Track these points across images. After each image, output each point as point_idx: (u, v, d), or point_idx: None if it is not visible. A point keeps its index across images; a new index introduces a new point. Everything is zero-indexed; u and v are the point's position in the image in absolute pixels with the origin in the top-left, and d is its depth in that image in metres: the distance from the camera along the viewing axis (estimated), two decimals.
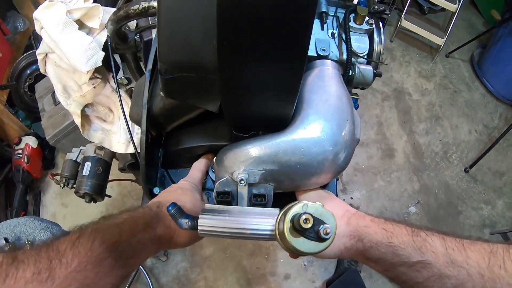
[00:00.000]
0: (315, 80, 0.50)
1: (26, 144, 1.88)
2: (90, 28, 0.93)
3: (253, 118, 0.45)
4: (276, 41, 0.33)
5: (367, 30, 0.72)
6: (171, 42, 0.38)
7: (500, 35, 2.51)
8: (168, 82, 0.42)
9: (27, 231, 0.93)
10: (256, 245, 1.82)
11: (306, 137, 0.43)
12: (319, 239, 0.35)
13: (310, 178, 0.46)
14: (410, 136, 2.35)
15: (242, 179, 0.44)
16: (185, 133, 0.57)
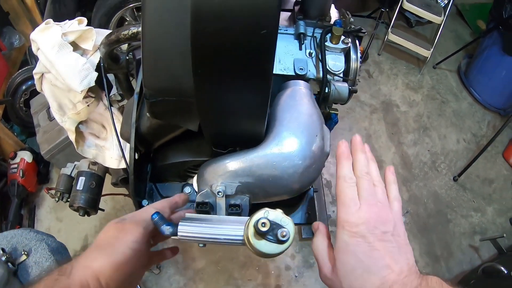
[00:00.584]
0: (287, 100, 0.55)
1: (21, 158, 1.91)
2: (84, 50, 0.98)
3: (229, 136, 0.50)
4: (243, 70, 0.38)
5: (343, 49, 0.76)
6: (154, 70, 0.43)
7: (485, 45, 2.60)
8: (153, 105, 0.47)
9: (24, 242, 0.96)
10: (247, 257, 1.84)
11: (277, 152, 0.48)
12: (278, 241, 0.40)
13: (282, 189, 0.50)
14: (398, 147, 2.40)
15: (220, 191, 0.49)
16: (170, 150, 0.61)
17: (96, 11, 1.91)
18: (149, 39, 0.43)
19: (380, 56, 2.87)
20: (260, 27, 0.34)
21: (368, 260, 0.44)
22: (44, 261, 0.92)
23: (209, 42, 0.36)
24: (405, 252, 0.46)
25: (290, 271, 1.84)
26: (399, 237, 0.47)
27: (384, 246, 0.45)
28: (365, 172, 0.51)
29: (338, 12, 0.89)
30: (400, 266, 0.44)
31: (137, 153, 0.61)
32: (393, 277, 0.43)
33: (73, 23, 1.00)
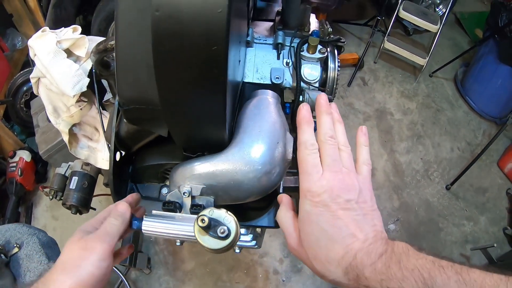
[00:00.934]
0: (252, 109, 0.59)
1: (20, 157, 1.96)
2: (77, 57, 1.04)
3: (195, 141, 0.54)
4: (199, 82, 0.42)
5: (320, 59, 0.77)
6: (125, 81, 0.48)
7: (481, 53, 2.61)
8: (126, 112, 0.52)
9: (16, 236, 1.01)
10: (236, 260, 1.87)
11: (239, 158, 0.52)
12: (220, 238, 0.44)
13: (244, 193, 0.54)
14: (391, 155, 2.41)
15: (185, 192, 0.53)
16: (147, 153, 0.66)
17: (96, 15, 1.96)
18: (121, 54, 0.48)
19: (376, 64, 2.90)
20: (211, 44, 0.39)
21: (331, 230, 0.43)
22: (34, 254, 0.97)
23: (168, 57, 0.41)
24: (372, 219, 0.45)
25: (278, 275, 1.86)
26: (365, 203, 0.46)
27: (348, 215, 0.44)
28: (329, 136, 0.48)
29: (317, 23, 0.91)
30: (365, 233, 0.43)
31: (119, 155, 0.65)
32: (357, 245, 0.42)
33: (67, 31, 1.05)
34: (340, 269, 0.43)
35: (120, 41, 0.46)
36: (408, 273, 0.39)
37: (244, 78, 0.75)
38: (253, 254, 1.90)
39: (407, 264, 0.39)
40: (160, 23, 0.38)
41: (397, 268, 0.39)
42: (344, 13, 3.10)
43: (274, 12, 0.92)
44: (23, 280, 0.95)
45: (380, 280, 0.40)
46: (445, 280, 0.37)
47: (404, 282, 0.38)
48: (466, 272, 0.37)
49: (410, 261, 0.39)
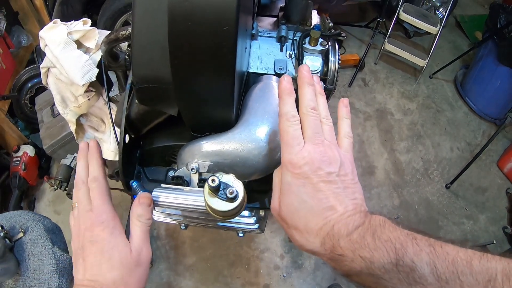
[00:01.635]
0: (257, 92, 0.62)
1: (24, 152, 1.98)
2: (87, 48, 1.06)
3: (203, 121, 0.57)
4: (210, 61, 0.46)
5: (321, 51, 0.81)
6: (140, 61, 0.51)
7: (480, 55, 2.64)
8: (139, 91, 0.55)
9: (21, 221, 1.03)
10: (237, 256, 1.89)
11: (245, 136, 0.55)
12: (228, 199, 0.46)
13: (249, 169, 0.57)
14: (391, 154, 2.44)
15: (193, 168, 0.56)
16: (156, 135, 0.69)
17: (102, 14, 2.00)
18: (137, 36, 0.51)
19: (377, 65, 2.93)
20: (223, 25, 0.42)
21: (311, 201, 0.44)
22: (39, 238, 0.99)
23: (182, 38, 0.44)
24: (352, 192, 0.45)
25: (278, 270, 1.88)
26: (346, 176, 0.46)
27: (328, 187, 0.44)
28: (311, 108, 0.47)
29: (319, 18, 0.95)
30: (344, 206, 0.43)
31: (128, 138, 0.68)
32: (335, 217, 0.43)
33: (78, 23, 1.08)
34: (317, 239, 0.44)
35: (137, 23, 0.49)
36: (381, 244, 0.39)
37: (249, 68, 0.78)
38: (254, 249, 1.91)
39: (382, 235, 0.40)
40: (176, 6, 0.42)
41: (371, 239, 0.40)
42: (345, 15, 3.14)
43: (277, 8, 0.96)
44: (27, 264, 0.96)
45: (353, 249, 0.41)
46: (416, 251, 0.37)
47: (375, 251, 0.39)
48: (440, 245, 0.38)
49: (385, 233, 0.40)
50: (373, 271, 0.39)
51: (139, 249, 0.52)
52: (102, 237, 0.50)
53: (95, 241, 0.50)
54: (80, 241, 0.51)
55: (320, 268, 1.89)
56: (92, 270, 0.49)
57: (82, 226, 0.52)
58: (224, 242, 1.90)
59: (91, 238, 0.50)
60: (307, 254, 1.90)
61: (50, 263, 0.93)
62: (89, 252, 0.50)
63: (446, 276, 0.36)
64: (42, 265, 0.93)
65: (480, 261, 0.36)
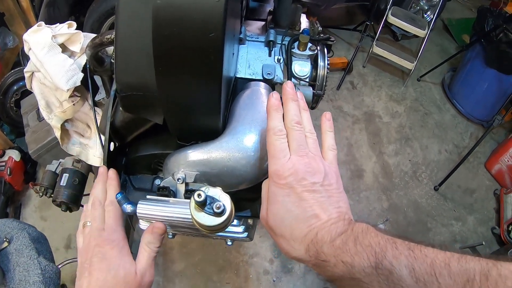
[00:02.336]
0: (245, 99, 0.61)
1: (9, 157, 1.94)
2: (72, 52, 1.04)
3: (190, 129, 0.56)
4: (196, 68, 0.44)
5: (310, 56, 0.80)
6: (124, 68, 0.50)
7: (468, 58, 2.68)
8: (123, 99, 0.53)
9: (6, 230, 1.00)
10: (226, 261, 1.87)
11: (232, 145, 0.54)
12: (215, 214, 0.45)
13: (237, 179, 0.56)
14: (379, 157, 2.45)
15: (180, 178, 0.54)
16: (141, 143, 0.67)
17: (88, 16, 1.97)
18: (120, 42, 0.49)
19: (365, 68, 2.95)
20: (209, 31, 0.41)
21: (296, 210, 0.46)
22: (24, 248, 0.96)
23: (167, 44, 0.43)
24: (337, 201, 0.47)
25: (268, 275, 1.87)
26: (330, 186, 0.48)
27: (312, 196, 0.46)
28: (295, 122, 0.50)
29: (308, 22, 0.95)
30: (328, 214, 0.45)
31: (113, 145, 0.66)
32: (319, 224, 0.45)
33: (63, 26, 1.06)
34: (302, 246, 0.45)
35: (121, 29, 0.48)
36: (362, 248, 0.41)
37: (236, 73, 0.77)
38: (243, 254, 1.90)
39: (363, 241, 0.41)
40: (160, 11, 0.40)
41: (352, 244, 0.42)
42: (334, 18, 3.16)
43: (266, 12, 0.95)
44: (12, 275, 0.93)
45: (336, 255, 0.42)
46: (395, 254, 0.39)
47: (356, 256, 0.40)
48: (419, 249, 0.39)
49: (366, 238, 0.42)
50: (354, 275, 0.40)
51: (144, 272, 0.55)
52: (110, 254, 0.54)
53: (103, 257, 0.53)
54: (89, 256, 0.54)
55: (310, 272, 1.89)
56: (97, 284, 0.51)
57: (92, 242, 0.55)
58: (213, 248, 1.89)
59: (100, 254, 0.53)
60: None
61: (36, 273, 0.91)
62: (97, 267, 0.52)
63: (424, 278, 0.37)
64: (28, 276, 0.90)
65: (458, 262, 0.36)
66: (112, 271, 0.52)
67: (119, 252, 0.54)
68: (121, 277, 0.52)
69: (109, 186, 0.61)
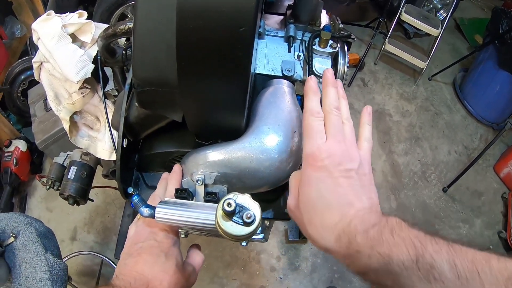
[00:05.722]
0: (268, 97, 0.58)
1: (16, 147, 1.92)
2: (82, 42, 1.01)
3: (210, 128, 0.53)
4: (222, 65, 0.41)
5: (331, 53, 0.77)
6: (142, 62, 0.46)
7: (481, 59, 2.63)
8: (140, 94, 0.50)
9: (12, 225, 0.98)
10: (233, 257, 1.86)
11: (255, 145, 0.51)
12: (245, 223, 0.42)
13: (259, 181, 0.53)
14: (389, 156, 2.42)
15: (199, 179, 0.52)
16: (156, 140, 0.64)
17: (98, 6, 1.94)
18: (139, 33, 0.46)
19: (376, 66, 2.91)
20: (239, 25, 0.38)
21: (330, 196, 0.44)
22: (31, 244, 0.94)
23: (192, 37, 0.40)
24: (369, 191, 0.46)
25: (275, 272, 1.85)
26: (364, 176, 0.46)
27: (348, 183, 0.44)
28: (334, 107, 0.49)
29: (328, 18, 0.91)
30: (362, 203, 0.44)
31: (126, 142, 0.63)
32: (353, 213, 0.43)
33: (73, 15, 1.03)
34: (333, 235, 0.43)
35: (140, 19, 0.45)
36: (400, 240, 0.39)
37: (255, 69, 0.74)
38: (250, 251, 1.89)
39: (400, 233, 0.40)
40: (186, 1, 0.37)
41: (389, 235, 0.40)
42: (346, 14, 3.10)
43: (284, 6, 0.92)
44: (18, 271, 0.91)
45: (371, 246, 0.40)
46: (436, 249, 0.37)
47: (395, 247, 0.38)
48: (458, 246, 0.38)
49: (403, 231, 0.40)
50: (391, 267, 0.38)
51: (192, 271, 0.56)
52: (164, 243, 0.53)
53: (155, 244, 0.52)
54: (141, 240, 0.53)
55: (317, 270, 1.88)
56: (144, 265, 0.50)
57: (147, 229, 0.54)
58: (220, 243, 1.87)
59: (154, 240, 0.53)
60: (304, 256, 1.89)
61: (43, 270, 0.89)
62: (148, 251, 0.51)
63: (466, 274, 0.36)
64: (35, 272, 0.88)
65: (498, 260, 0.36)
66: (162, 257, 0.51)
67: (172, 243, 0.53)
68: (171, 265, 0.51)
69: (170, 180, 0.60)
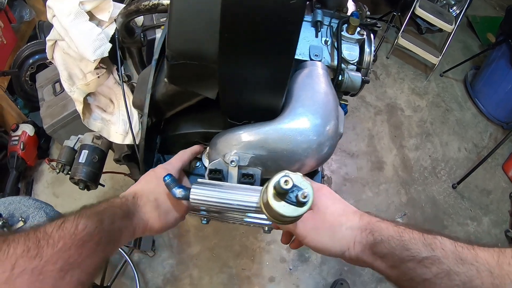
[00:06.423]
0: (304, 79, 0.55)
1: (23, 131, 1.90)
2: (99, 21, 0.97)
3: (246, 107, 0.50)
4: (270, 40, 0.38)
5: (358, 40, 0.77)
6: (179, 33, 0.43)
7: (493, 57, 2.61)
8: (173, 68, 0.47)
9: (21, 209, 0.95)
10: (243, 247, 1.85)
11: (293, 127, 0.48)
12: (298, 203, 0.39)
13: (295, 164, 0.50)
14: (400, 150, 2.41)
15: (233, 160, 0.49)
16: (183, 120, 0.61)
17: None
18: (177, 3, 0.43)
19: (389, 60, 2.88)
20: None
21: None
22: None
23: (239, 8, 0.36)
24: None
25: (285, 263, 1.84)
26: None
27: None
28: None
29: (355, 5, 0.91)
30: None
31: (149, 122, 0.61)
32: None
33: None
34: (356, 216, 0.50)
35: None
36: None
37: None
38: (260, 241, 1.87)
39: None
40: None
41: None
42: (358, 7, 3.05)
43: None
44: None
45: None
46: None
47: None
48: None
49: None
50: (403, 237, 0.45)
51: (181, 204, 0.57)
52: (160, 171, 0.56)
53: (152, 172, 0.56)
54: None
55: (326, 262, 1.87)
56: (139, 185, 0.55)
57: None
58: (230, 232, 1.85)
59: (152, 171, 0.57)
60: None
61: None
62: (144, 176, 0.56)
63: (463, 245, 0.42)
64: None
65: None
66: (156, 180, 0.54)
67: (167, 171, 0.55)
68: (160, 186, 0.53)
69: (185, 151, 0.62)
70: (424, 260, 0.42)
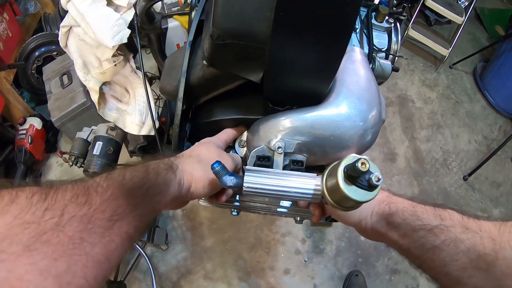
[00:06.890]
0: (346, 63, 0.53)
1: (31, 125, 1.87)
2: (117, 6, 0.94)
3: (292, 92, 0.48)
4: (327, 22, 0.35)
5: (387, 28, 0.77)
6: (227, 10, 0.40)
7: (503, 50, 2.58)
8: (217, 48, 0.44)
9: None
10: (257, 239, 1.83)
11: (340, 112, 0.46)
12: (370, 187, 0.37)
13: (341, 151, 0.48)
14: (412, 141, 2.40)
15: (280, 147, 0.46)
16: (218, 106, 0.58)
17: None
18: None
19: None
20: None
21: None
22: None
23: None
24: None
25: (300, 255, 1.83)
26: None
27: None
28: None
29: None
30: None
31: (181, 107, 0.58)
32: None
33: None
34: None
35: None
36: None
37: None
38: (275, 233, 1.85)
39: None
40: None
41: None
42: None
43: None
44: None
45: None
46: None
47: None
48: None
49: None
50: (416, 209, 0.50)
51: None
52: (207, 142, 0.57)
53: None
54: None
55: (341, 254, 1.85)
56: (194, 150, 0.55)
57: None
58: (244, 225, 1.83)
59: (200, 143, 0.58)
60: (328, 239, 1.87)
61: None
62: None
63: (469, 217, 0.47)
64: None
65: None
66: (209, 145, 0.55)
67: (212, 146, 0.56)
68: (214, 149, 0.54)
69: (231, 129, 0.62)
70: (434, 229, 0.46)
